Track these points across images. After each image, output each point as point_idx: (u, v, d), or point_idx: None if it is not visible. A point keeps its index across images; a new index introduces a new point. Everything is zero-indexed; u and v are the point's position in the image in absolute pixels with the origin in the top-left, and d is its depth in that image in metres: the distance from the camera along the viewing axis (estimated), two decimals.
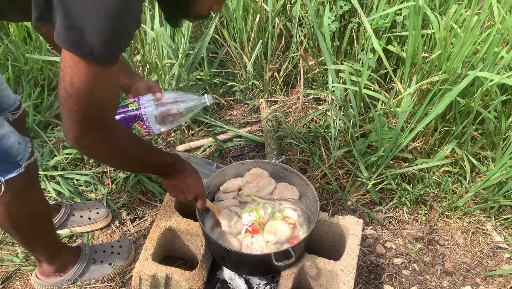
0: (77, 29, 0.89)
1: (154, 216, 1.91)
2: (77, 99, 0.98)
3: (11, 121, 1.46)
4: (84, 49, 0.91)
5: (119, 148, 1.14)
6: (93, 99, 0.99)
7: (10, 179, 1.22)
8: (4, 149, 1.19)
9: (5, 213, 1.29)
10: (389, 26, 2.12)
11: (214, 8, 1.14)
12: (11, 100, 1.47)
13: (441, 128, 2.01)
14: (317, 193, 1.52)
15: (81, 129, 1.03)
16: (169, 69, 2.19)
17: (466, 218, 1.96)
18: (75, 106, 0.99)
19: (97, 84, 0.98)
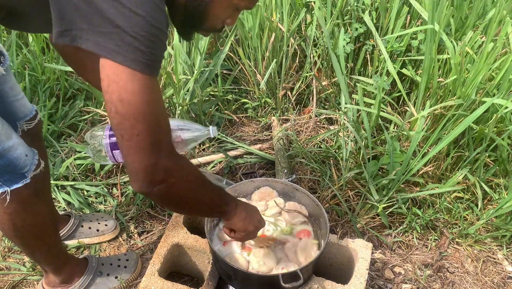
0: (116, 34, 0.86)
1: (162, 230, 1.90)
2: (132, 118, 0.90)
3: (26, 131, 1.47)
4: (127, 54, 0.87)
5: (191, 177, 1.05)
6: (149, 115, 0.91)
7: (15, 190, 1.23)
8: (11, 160, 1.19)
9: (10, 223, 1.29)
10: (404, 49, 2.13)
11: (228, 22, 1.11)
12: (27, 110, 1.48)
13: (454, 154, 1.99)
14: (327, 215, 1.51)
15: (151, 157, 0.93)
16: (184, 84, 2.21)
17: (477, 246, 1.93)
18: (133, 128, 0.91)
19: (149, 95, 0.91)
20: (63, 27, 0.90)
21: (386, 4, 2.18)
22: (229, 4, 1.06)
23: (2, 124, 1.17)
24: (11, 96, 1.37)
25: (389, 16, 2.17)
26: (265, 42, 2.35)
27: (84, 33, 0.88)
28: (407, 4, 2.11)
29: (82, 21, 0.88)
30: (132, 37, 0.87)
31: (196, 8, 1.04)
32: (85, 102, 2.40)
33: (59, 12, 0.89)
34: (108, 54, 0.88)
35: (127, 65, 0.88)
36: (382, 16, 2.21)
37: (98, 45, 0.88)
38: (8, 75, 1.34)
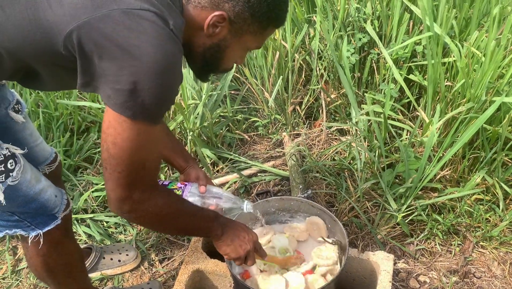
0: (128, 91, 0.92)
1: (182, 256, 1.91)
2: (119, 159, 0.98)
3: (48, 174, 1.51)
4: (134, 109, 0.93)
5: (163, 212, 1.13)
6: (136, 159, 1.00)
7: (47, 232, 1.25)
8: (42, 203, 1.22)
9: (43, 264, 1.32)
10: (409, 55, 2.12)
11: (238, 61, 1.20)
12: (47, 153, 1.51)
13: (470, 155, 1.97)
14: (345, 230, 1.50)
15: (124, 191, 1.03)
16: (194, 109, 2.24)
17: (503, 248, 1.89)
18: (117, 166, 0.99)
19: (141, 142, 0.98)
20: (85, 79, 0.97)
21: (387, 12, 2.19)
22: (242, 48, 1.14)
23: (31, 169, 1.21)
24: (31, 142, 1.41)
25: (391, 23, 2.17)
26: (270, 60, 2.37)
27: (101, 85, 0.95)
28: (408, 10, 2.11)
29: (101, 76, 0.94)
30: (142, 92, 0.92)
31: (213, 55, 1.12)
32: (99, 134, 2.44)
33: (82, 66, 0.96)
34: (116, 109, 0.94)
35: (128, 116, 0.94)
36: (384, 24, 2.21)
37: (109, 98, 0.95)
38: (27, 122, 1.39)
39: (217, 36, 1.08)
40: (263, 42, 1.18)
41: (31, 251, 1.30)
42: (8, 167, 1.11)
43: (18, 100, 1.35)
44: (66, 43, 0.94)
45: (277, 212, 1.71)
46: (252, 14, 1.05)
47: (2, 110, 1.29)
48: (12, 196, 1.14)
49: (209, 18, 1.04)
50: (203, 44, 1.10)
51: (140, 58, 0.91)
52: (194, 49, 1.11)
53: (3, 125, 1.30)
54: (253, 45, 1.14)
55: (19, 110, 1.35)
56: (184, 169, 1.49)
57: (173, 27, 0.97)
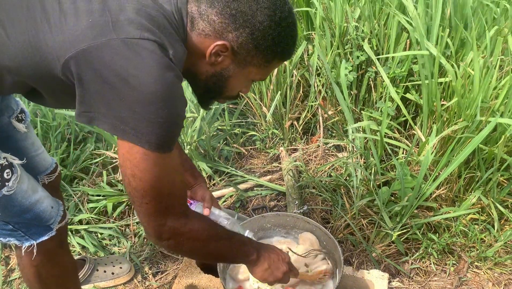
0: (132, 119, 0.92)
1: (176, 270, 1.90)
2: (142, 191, 0.98)
3: (47, 184, 1.51)
4: (141, 136, 0.93)
5: (202, 236, 1.12)
6: (159, 187, 0.99)
7: (41, 242, 1.25)
8: (37, 213, 1.22)
9: (36, 275, 1.32)
10: (406, 74, 2.14)
11: (243, 91, 1.18)
12: (48, 163, 1.51)
13: (466, 175, 1.97)
14: (340, 248, 1.50)
15: (157, 220, 1.03)
16: (192, 122, 2.25)
17: (497, 268, 1.89)
18: (143, 198, 0.99)
19: (160, 171, 0.98)
20: (83, 109, 0.96)
21: (384, 31, 2.21)
22: (245, 78, 1.13)
23: (29, 179, 1.20)
24: (32, 151, 1.41)
25: (388, 43, 2.19)
26: (269, 76, 2.38)
27: (101, 116, 0.94)
28: (405, 30, 2.14)
29: (101, 104, 0.93)
30: (149, 122, 0.92)
31: (216, 84, 1.12)
32: (96, 144, 2.44)
33: (80, 95, 0.95)
34: (124, 136, 0.94)
35: (141, 146, 0.94)
36: (382, 43, 2.23)
37: (115, 128, 0.94)
38: (29, 132, 1.39)
39: (219, 65, 1.07)
40: (268, 74, 1.16)
41: (24, 261, 1.29)
42: (4, 176, 1.11)
43: (22, 109, 1.35)
44: (65, 69, 0.94)
45: (272, 228, 1.71)
46: (256, 47, 1.04)
47: (5, 118, 1.29)
48: (7, 205, 1.14)
49: (211, 47, 1.03)
50: (205, 72, 1.09)
51: (140, 88, 0.91)
52: (197, 76, 1.11)
53: (5, 134, 1.30)
54: (257, 76, 1.13)
55: (23, 119, 1.35)
56: (192, 186, 1.49)
57: (173, 56, 0.97)
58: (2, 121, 1.29)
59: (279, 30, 1.03)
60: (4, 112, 1.29)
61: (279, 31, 1.03)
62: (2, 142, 1.16)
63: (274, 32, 1.03)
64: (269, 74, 1.18)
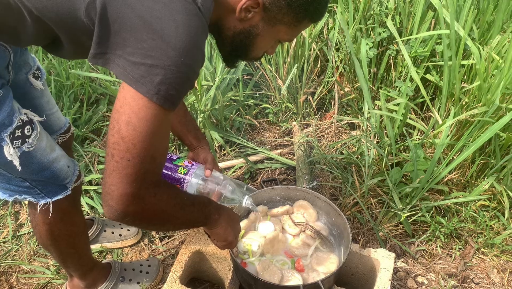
0: (145, 66, 0.87)
1: (183, 236, 1.91)
2: (130, 143, 0.90)
3: (60, 143, 1.50)
4: (151, 86, 0.88)
5: (168, 209, 1.04)
6: (148, 145, 0.92)
7: (56, 201, 1.26)
8: (54, 172, 1.22)
9: (48, 233, 1.33)
10: (428, 54, 2.09)
11: (269, 51, 1.15)
12: (62, 123, 1.51)
13: (479, 161, 1.95)
14: (349, 225, 1.49)
15: (130, 186, 0.92)
16: (206, 91, 2.22)
17: (504, 256, 1.88)
18: (127, 152, 0.91)
19: (156, 126, 0.92)
20: (99, 50, 0.92)
21: (409, 9, 2.15)
22: (273, 38, 1.09)
23: (47, 137, 1.20)
24: (47, 109, 1.40)
25: (413, 21, 2.13)
26: (287, 47, 2.34)
27: (117, 58, 0.90)
28: (432, 8, 2.07)
29: (118, 47, 0.90)
30: (162, 69, 0.88)
31: (243, 41, 1.08)
32: (108, 106, 2.43)
33: (98, 35, 0.91)
34: (132, 83, 0.89)
35: (147, 95, 0.89)
36: (405, 21, 2.17)
37: (126, 72, 0.90)
38: (45, 89, 1.38)
39: (248, 21, 1.04)
40: (296, 35, 1.12)
41: (38, 219, 1.30)
42: (25, 133, 1.11)
43: (38, 66, 1.34)
44: (89, 9, 0.91)
45: (281, 201, 1.70)
46: (289, 4, 1.00)
47: (22, 74, 1.28)
48: (26, 162, 1.13)
49: (242, 2, 0.99)
50: (233, 28, 1.06)
51: (161, 32, 0.87)
52: (224, 31, 1.07)
53: (22, 90, 1.29)
54: (285, 36, 1.09)
55: (39, 76, 1.34)
56: (194, 148, 1.48)
57: (201, 5, 0.93)
58: (19, 77, 1.27)
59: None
60: (21, 68, 1.28)
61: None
62: (20, 99, 1.15)
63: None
64: (297, 35, 1.15)
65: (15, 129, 1.08)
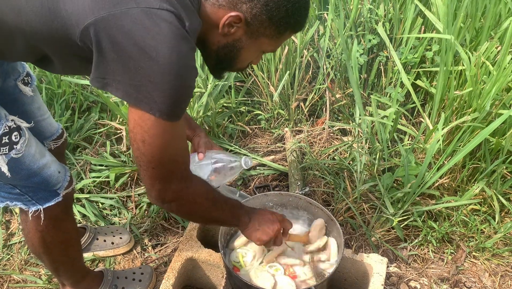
0: (146, 87, 0.94)
1: (176, 243, 1.91)
2: (150, 156, 1.02)
3: (53, 149, 1.50)
4: (153, 105, 0.95)
5: (202, 200, 1.17)
6: (166, 154, 1.04)
7: (47, 208, 1.26)
8: (45, 178, 1.22)
9: (40, 240, 1.32)
10: (418, 60, 2.11)
11: (254, 62, 1.20)
12: (54, 129, 1.51)
13: (470, 165, 1.97)
14: (341, 230, 1.50)
15: (162, 184, 1.07)
16: (198, 98, 2.23)
17: (495, 259, 1.90)
18: (150, 163, 1.03)
19: (168, 138, 1.02)
20: (97, 74, 0.97)
21: (399, 15, 2.18)
22: (257, 50, 1.14)
23: (36, 143, 1.20)
24: (38, 115, 1.40)
25: (403, 27, 2.16)
26: (279, 54, 2.36)
27: (116, 83, 0.96)
28: (421, 15, 2.10)
29: (117, 72, 0.95)
30: (162, 91, 0.94)
31: (227, 55, 1.13)
32: (100, 114, 2.42)
33: (97, 61, 0.96)
34: (137, 104, 0.96)
35: (153, 114, 0.97)
36: (395, 27, 2.20)
37: (129, 95, 0.96)
38: (35, 96, 1.38)
39: (232, 36, 1.08)
40: (279, 46, 1.17)
41: (29, 226, 1.30)
42: (13, 139, 1.11)
43: (28, 72, 1.35)
44: (83, 36, 0.94)
45: (274, 207, 1.71)
46: (270, 18, 1.04)
47: (11, 81, 1.28)
48: (15, 168, 1.13)
49: (225, 18, 1.04)
50: (217, 42, 1.10)
51: (157, 59, 0.92)
52: (209, 46, 1.12)
53: (11, 97, 1.29)
54: (268, 48, 1.14)
55: (29, 82, 1.34)
56: (191, 139, 1.50)
57: (188, 28, 0.98)
58: (8, 83, 1.28)
59: (293, 1, 1.04)
60: (10, 75, 1.28)
61: (293, 2, 1.04)
62: (9, 105, 1.15)
63: (288, 3, 1.03)
64: (280, 45, 1.21)
65: (2, 136, 1.09)
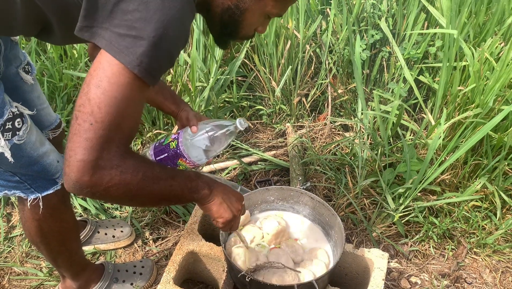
0: (130, 37, 0.87)
1: (177, 237, 1.91)
2: (95, 106, 0.87)
3: (51, 139, 1.51)
4: (133, 57, 0.87)
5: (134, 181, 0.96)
6: (114, 111, 0.88)
7: (45, 196, 1.26)
8: (44, 166, 1.22)
9: (37, 229, 1.32)
10: (421, 56, 2.11)
11: (259, 29, 1.15)
12: (52, 119, 1.52)
13: (472, 162, 1.96)
14: (343, 225, 1.50)
15: (89, 153, 0.87)
16: (200, 92, 2.22)
17: (496, 256, 1.90)
18: (90, 116, 0.87)
19: (128, 95, 0.89)
20: (85, 23, 0.92)
21: (403, 11, 2.17)
22: (262, 13, 1.09)
23: (37, 131, 1.20)
24: (38, 104, 1.40)
25: (406, 22, 2.15)
26: (281, 49, 2.35)
27: (103, 30, 0.90)
28: (424, 11, 2.09)
29: (105, 20, 0.90)
30: (144, 41, 0.88)
31: (231, 17, 1.08)
32: None
33: (86, 9, 0.91)
34: (116, 54, 0.88)
35: (123, 61, 0.88)
36: (399, 23, 2.19)
37: (110, 44, 0.89)
38: (35, 84, 1.38)
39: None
40: (285, 9, 1.12)
41: (27, 214, 1.30)
42: (16, 125, 1.11)
43: (28, 61, 1.35)
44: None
45: (276, 201, 1.70)
46: None
47: (13, 68, 1.28)
48: (16, 155, 1.13)
49: None
50: (221, 4, 1.06)
51: (147, 4, 0.87)
52: (212, 8, 1.07)
53: (12, 84, 1.29)
54: (273, 10, 1.08)
55: (29, 71, 1.34)
56: (176, 114, 1.43)
57: None
58: (10, 71, 1.28)
59: None
60: (12, 62, 1.28)
61: None
62: (10, 93, 1.15)
63: None
64: (286, 10, 1.13)
65: (6, 121, 1.09)
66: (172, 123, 2.28)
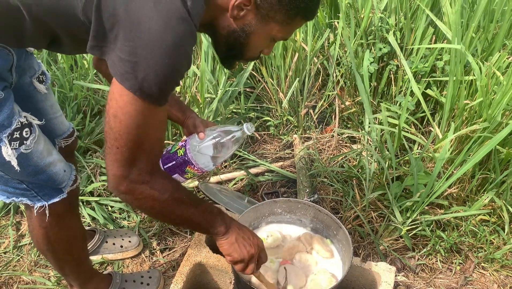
0: (131, 62, 0.92)
1: (184, 248, 1.92)
2: (117, 134, 0.98)
3: (63, 148, 1.53)
4: (134, 82, 0.93)
5: (161, 198, 1.08)
6: (134, 137, 0.99)
7: (52, 204, 1.27)
8: (50, 175, 1.24)
9: (44, 237, 1.34)
10: (428, 70, 2.12)
11: (265, 51, 1.17)
12: (65, 127, 1.53)
13: (479, 175, 1.96)
14: (350, 238, 1.50)
15: (120, 169, 1.02)
16: (209, 103, 2.24)
17: (504, 271, 1.88)
18: (116, 141, 0.99)
19: (141, 121, 0.98)
20: (95, 43, 0.97)
21: (410, 25, 2.18)
22: (267, 36, 1.11)
23: (45, 141, 1.22)
24: (50, 113, 1.43)
25: (414, 36, 2.16)
26: (289, 62, 2.37)
27: (111, 51, 0.96)
28: (432, 25, 2.11)
29: (111, 42, 0.95)
30: (147, 68, 0.92)
31: (237, 40, 1.10)
32: None
33: (94, 30, 0.96)
34: (118, 77, 0.95)
35: (131, 90, 0.94)
36: (406, 37, 2.20)
37: (114, 66, 0.95)
38: (49, 94, 1.41)
39: (242, 20, 1.06)
40: (290, 34, 1.14)
41: (34, 222, 1.31)
42: (23, 135, 1.13)
43: (43, 71, 1.37)
44: (86, 8, 0.95)
45: (283, 214, 1.71)
46: (279, 1, 1.02)
47: (27, 78, 1.31)
48: (23, 164, 1.15)
49: (234, 0, 1.02)
50: (227, 27, 1.08)
51: (149, 32, 0.90)
52: (218, 31, 1.09)
53: (26, 94, 1.32)
54: (279, 34, 1.10)
55: (43, 80, 1.37)
56: (183, 122, 1.46)
57: (190, 8, 0.95)
58: (24, 80, 1.30)
59: None
60: (26, 72, 1.30)
61: None
62: (22, 102, 1.18)
63: None
64: (291, 33, 1.14)
65: (14, 130, 1.11)
66: (181, 134, 2.29)
